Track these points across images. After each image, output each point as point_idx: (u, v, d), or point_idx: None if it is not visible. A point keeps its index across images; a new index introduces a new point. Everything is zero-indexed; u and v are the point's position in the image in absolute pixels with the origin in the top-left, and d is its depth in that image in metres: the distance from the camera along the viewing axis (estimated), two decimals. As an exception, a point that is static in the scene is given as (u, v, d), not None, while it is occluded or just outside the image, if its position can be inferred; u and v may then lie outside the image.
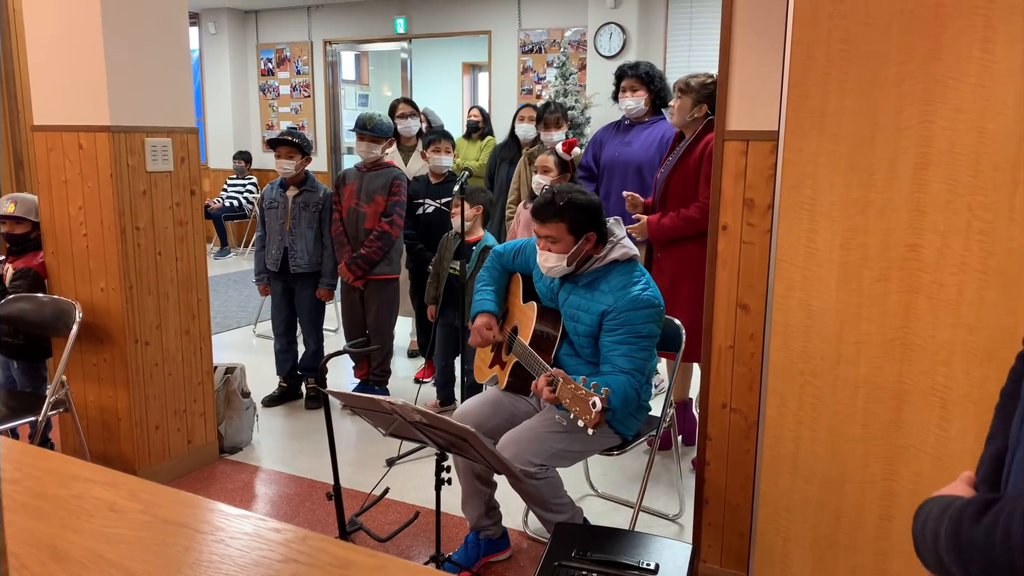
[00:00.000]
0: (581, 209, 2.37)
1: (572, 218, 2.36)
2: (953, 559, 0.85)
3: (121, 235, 3.05)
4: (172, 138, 3.20)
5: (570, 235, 2.38)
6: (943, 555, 0.87)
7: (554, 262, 2.42)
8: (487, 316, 2.66)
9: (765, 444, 2.14)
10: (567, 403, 2.14)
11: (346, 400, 2.16)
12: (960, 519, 0.84)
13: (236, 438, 3.66)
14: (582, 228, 2.38)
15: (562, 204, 2.36)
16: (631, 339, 2.33)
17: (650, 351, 2.38)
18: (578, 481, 3.26)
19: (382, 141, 3.99)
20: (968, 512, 0.84)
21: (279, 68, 9.78)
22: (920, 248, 1.85)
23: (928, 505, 0.94)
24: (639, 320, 2.34)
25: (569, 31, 7.89)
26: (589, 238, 2.40)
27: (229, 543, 1.22)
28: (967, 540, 0.82)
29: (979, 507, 0.83)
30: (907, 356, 1.90)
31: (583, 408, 2.07)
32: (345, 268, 3.97)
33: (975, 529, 0.81)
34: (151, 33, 3.10)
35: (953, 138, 1.78)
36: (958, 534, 0.84)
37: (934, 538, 0.88)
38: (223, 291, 7.25)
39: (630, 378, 2.29)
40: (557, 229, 2.38)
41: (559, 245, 2.40)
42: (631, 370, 2.31)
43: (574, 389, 2.11)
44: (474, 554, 2.65)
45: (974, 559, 0.82)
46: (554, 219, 2.37)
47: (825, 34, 1.90)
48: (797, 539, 2.12)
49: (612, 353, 2.34)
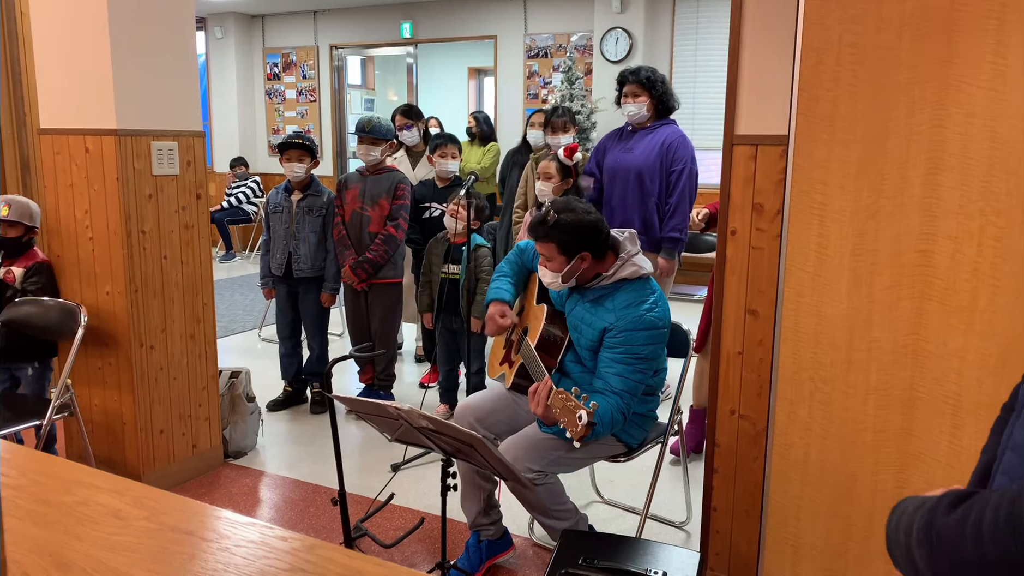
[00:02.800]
0: (571, 231, 2.33)
1: (560, 240, 2.33)
2: (923, 552, 0.84)
3: (127, 239, 3.05)
4: (178, 142, 3.20)
5: (561, 255, 2.36)
6: (913, 550, 0.86)
7: (550, 279, 2.41)
8: (500, 304, 2.64)
9: (774, 451, 2.12)
10: (557, 412, 2.12)
11: (352, 405, 2.15)
12: (935, 510, 0.85)
13: (241, 443, 3.65)
14: (573, 249, 2.34)
15: (551, 224, 2.34)
16: (629, 360, 2.30)
17: (646, 373, 2.35)
18: (584, 487, 3.24)
19: (381, 143, 3.99)
20: (943, 504, 0.84)
21: (285, 72, 9.80)
22: (932, 254, 1.83)
23: (903, 504, 0.94)
24: (639, 341, 2.31)
25: (575, 36, 7.89)
26: (584, 257, 2.36)
27: (235, 551, 1.21)
28: (939, 531, 0.83)
29: (954, 499, 0.83)
30: (919, 363, 1.88)
31: (571, 420, 2.06)
32: (350, 271, 3.96)
33: (948, 519, 0.82)
34: (158, 37, 3.10)
35: (965, 143, 1.76)
36: (931, 525, 0.84)
37: (907, 533, 0.88)
38: (228, 295, 7.25)
39: (619, 400, 2.27)
40: (548, 248, 2.36)
41: (553, 263, 2.38)
42: (622, 391, 2.28)
43: (565, 399, 2.10)
44: (477, 559, 2.63)
45: (943, 551, 0.81)
46: (544, 238, 2.36)
47: (836, 38, 1.89)
48: (807, 548, 2.10)
49: (607, 370, 2.32)
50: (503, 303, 2.65)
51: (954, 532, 0.80)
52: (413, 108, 4.88)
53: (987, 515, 0.77)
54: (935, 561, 0.83)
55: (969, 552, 0.78)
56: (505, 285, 2.70)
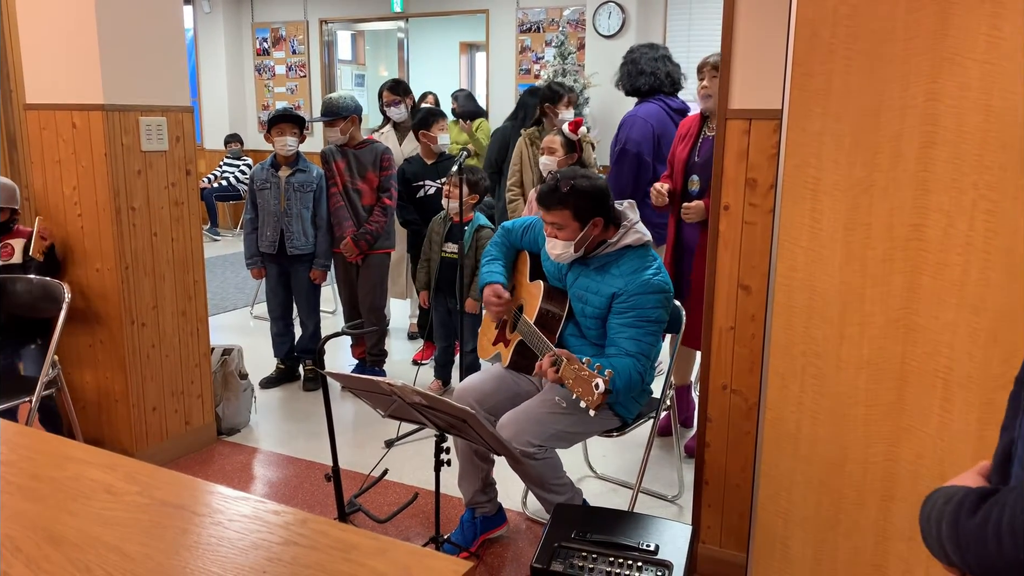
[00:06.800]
0: (586, 195, 2.34)
1: (577, 204, 2.33)
2: (953, 549, 0.88)
3: (116, 215, 3.02)
4: (167, 117, 3.16)
5: (575, 221, 2.35)
6: (946, 544, 0.90)
7: (561, 249, 2.40)
8: (494, 286, 2.64)
9: (766, 425, 2.13)
10: (570, 383, 2.12)
11: (345, 382, 2.15)
12: (958, 511, 0.88)
13: (234, 420, 3.65)
14: (588, 214, 2.35)
15: (566, 191, 2.33)
16: (639, 323, 2.31)
17: (657, 336, 2.37)
18: (577, 463, 3.26)
19: (340, 122, 3.91)
20: (965, 505, 0.87)
21: (275, 48, 9.69)
22: (925, 228, 1.83)
23: (935, 495, 0.97)
24: (649, 304, 2.32)
25: (568, 10, 7.81)
26: (596, 223, 2.37)
27: (227, 525, 1.21)
28: (964, 532, 0.86)
29: (976, 500, 0.86)
30: (910, 337, 1.88)
31: (586, 389, 2.06)
32: (352, 243, 3.95)
33: (970, 522, 0.85)
34: (144, 10, 3.05)
35: (959, 117, 1.75)
36: (956, 525, 0.87)
37: (938, 528, 0.91)
38: (220, 272, 7.22)
39: (635, 361, 2.28)
40: (562, 216, 2.35)
41: (565, 232, 2.37)
42: (636, 353, 2.29)
43: (578, 370, 2.10)
44: (471, 534, 2.65)
45: (970, 551, 0.85)
46: (559, 206, 2.35)
47: (830, 11, 1.87)
48: (798, 520, 2.12)
49: (619, 336, 2.33)
50: (497, 284, 2.65)
51: (978, 532, 0.83)
52: (401, 83, 4.82)
53: (1005, 517, 0.80)
54: (964, 557, 0.86)
55: (992, 552, 0.81)
56: (497, 268, 2.70)
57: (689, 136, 3.27)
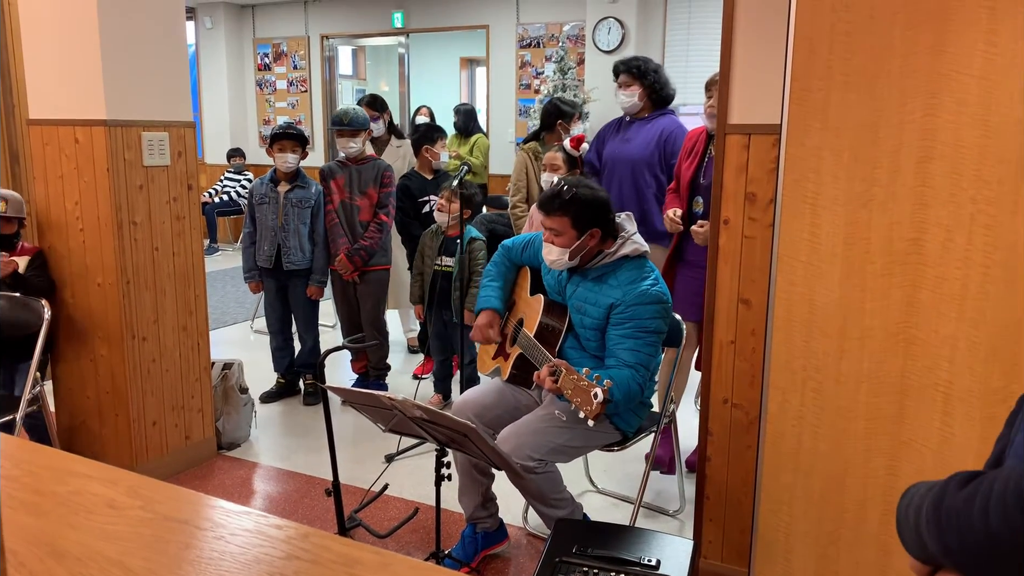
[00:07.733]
0: (586, 205, 2.36)
1: (576, 212, 2.35)
2: (932, 530, 0.86)
3: (118, 230, 3.03)
4: (169, 132, 3.18)
5: (573, 229, 2.37)
6: (922, 528, 0.88)
7: (556, 255, 2.41)
8: (490, 314, 2.65)
9: (767, 439, 2.13)
10: (569, 393, 2.13)
11: (345, 396, 2.15)
12: (945, 489, 0.86)
13: (234, 434, 3.64)
14: (586, 223, 2.36)
15: (568, 198, 2.36)
16: (638, 333, 2.32)
17: (656, 347, 2.37)
18: (578, 477, 3.25)
19: (361, 133, 4.00)
20: (954, 482, 0.86)
21: (276, 63, 9.74)
22: (923, 242, 1.84)
23: (915, 486, 0.96)
24: (647, 315, 2.33)
25: (567, 25, 7.86)
26: (593, 234, 2.39)
27: (230, 540, 1.21)
28: (948, 508, 0.84)
29: (963, 479, 0.85)
30: (910, 351, 1.89)
31: (584, 399, 2.06)
32: (346, 259, 3.96)
33: (957, 496, 0.83)
34: (147, 26, 3.08)
35: (957, 132, 1.77)
36: (940, 502, 0.85)
37: (916, 513, 0.90)
38: (220, 287, 7.23)
39: (634, 372, 2.28)
40: (561, 223, 2.37)
41: (562, 239, 2.39)
42: (635, 364, 2.30)
43: (576, 380, 2.10)
44: (472, 549, 2.64)
45: (952, 527, 0.83)
46: (559, 212, 2.36)
47: (828, 27, 1.89)
48: (799, 535, 2.11)
49: (618, 347, 2.33)
50: (493, 313, 2.66)
51: (963, 508, 0.81)
52: (378, 99, 4.87)
53: (995, 490, 0.79)
54: (943, 537, 0.84)
55: (977, 527, 0.79)
56: (494, 292, 2.71)
57: (695, 154, 3.28)
